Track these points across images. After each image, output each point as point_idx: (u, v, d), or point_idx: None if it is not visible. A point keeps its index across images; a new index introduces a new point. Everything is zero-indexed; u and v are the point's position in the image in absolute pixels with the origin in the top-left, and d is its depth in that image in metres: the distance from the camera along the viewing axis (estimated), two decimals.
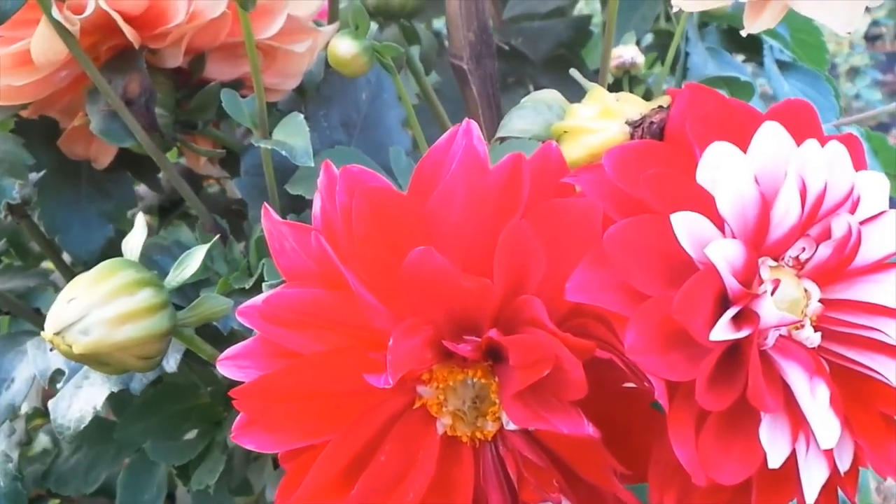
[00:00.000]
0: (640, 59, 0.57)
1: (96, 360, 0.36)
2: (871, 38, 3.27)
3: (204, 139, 0.51)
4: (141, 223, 0.39)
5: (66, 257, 0.56)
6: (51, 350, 0.46)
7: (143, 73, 0.44)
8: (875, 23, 3.28)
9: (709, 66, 0.63)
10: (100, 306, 0.36)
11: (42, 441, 0.75)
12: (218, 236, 0.42)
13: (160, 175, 0.56)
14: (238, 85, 0.48)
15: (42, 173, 0.50)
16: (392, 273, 0.31)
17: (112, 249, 0.50)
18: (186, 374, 0.53)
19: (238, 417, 0.35)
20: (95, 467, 0.55)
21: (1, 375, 0.48)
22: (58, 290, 0.59)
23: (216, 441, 0.52)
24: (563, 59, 0.70)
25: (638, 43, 0.69)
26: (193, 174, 0.56)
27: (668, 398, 0.30)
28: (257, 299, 0.35)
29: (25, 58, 0.43)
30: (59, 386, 0.45)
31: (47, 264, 0.63)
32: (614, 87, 0.60)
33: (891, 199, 0.83)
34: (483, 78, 0.53)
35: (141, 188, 0.61)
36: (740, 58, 0.72)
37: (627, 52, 0.57)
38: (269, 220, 0.35)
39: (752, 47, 0.71)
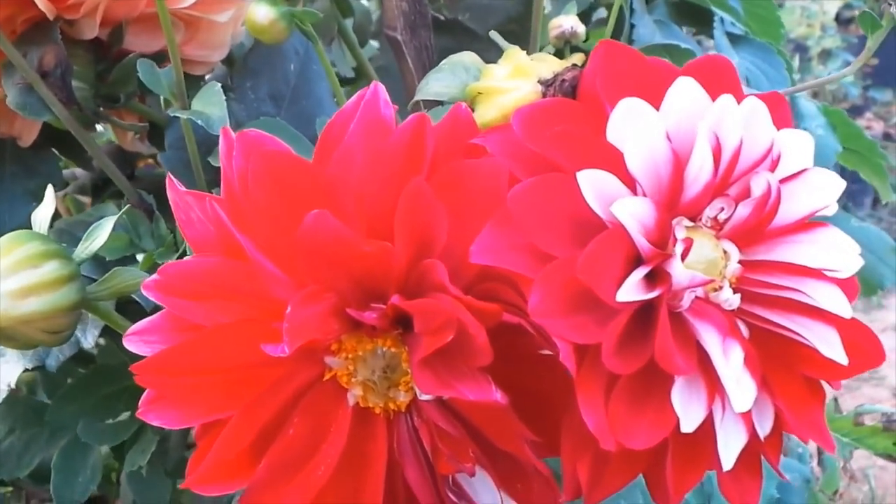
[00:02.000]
0: (581, 28, 0.56)
1: (1, 334, 0.35)
2: (843, 21, 3.27)
3: (130, 114, 0.50)
4: (50, 195, 0.38)
5: None
6: None
7: (59, 45, 0.43)
8: (848, 6, 3.28)
9: (656, 39, 0.62)
10: (2, 279, 0.35)
11: None
12: (128, 206, 0.41)
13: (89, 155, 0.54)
14: (161, 57, 0.47)
15: None
16: (293, 240, 0.30)
17: None
18: (118, 354, 0.52)
19: (145, 393, 0.34)
20: (29, 450, 0.53)
21: None
22: None
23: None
24: (513, 35, 0.68)
25: (587, 15, 0.68)
26: (126, 153, 0.55)
27: (576, 362, 0.29)
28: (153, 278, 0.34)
29: None
30: None
31: None
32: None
33: (850, 172, 0.82)
34: (419, 49, 0.52)
35: (77, 169, 0.60)
36: (690, 31, 0.71)
37: (567, 22, 0.55)
38: (173, 190, 0.34)
39: (702, 20, 0.70)
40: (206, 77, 0.50)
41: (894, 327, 2.30)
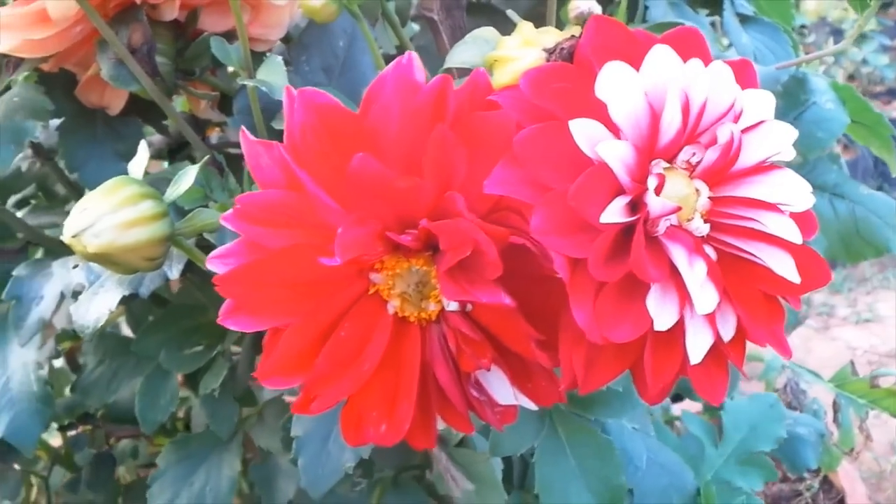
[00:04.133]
0: (598, 9, 0.63)
1: (107, 259, 0.43)
2: (881, 6, 3.30)
3: (203, 85, 0.58)
4: (143, 147, 0.46)
5: None
6: (73, 268, 0.53)
7: (145, 25, 0.51)
8: None
9: (668, 18, 0.69)
10: (109, 214, 0.43)
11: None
12: (205, 161, 0.49)
13: (167, 121, 0.63)
14: (230, 36, 0.54)
15: (63, 119, 0.57)
16: (343, 178, 0.38)
17: None
18: (193, 295, 0.60)
19: (224, 304, 0.41)
20: (116, 378, 0.62)
21: (31, 294, 0.56)
22: None
23: (221, 352, 0.59)
24: (541, 17, 0.76)
25: None
26: (197, 121, 0.63)
27: (569, 272, 0.36)
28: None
29: (43, 15, 0.50)
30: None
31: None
32: None
33: (857, 144, 0.88)
34: (453, 28, 0.60)
35: (155, 138, 0.68)
36: (704, 12, 0.78)
37: (584, 4, 0.62)
38: (246, 140, 0.42)
39: (714, 2, 0.77)
40: (267, 53, 0.58)
41: None
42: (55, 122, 0.60)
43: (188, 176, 0.45)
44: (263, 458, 0.64)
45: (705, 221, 0.39)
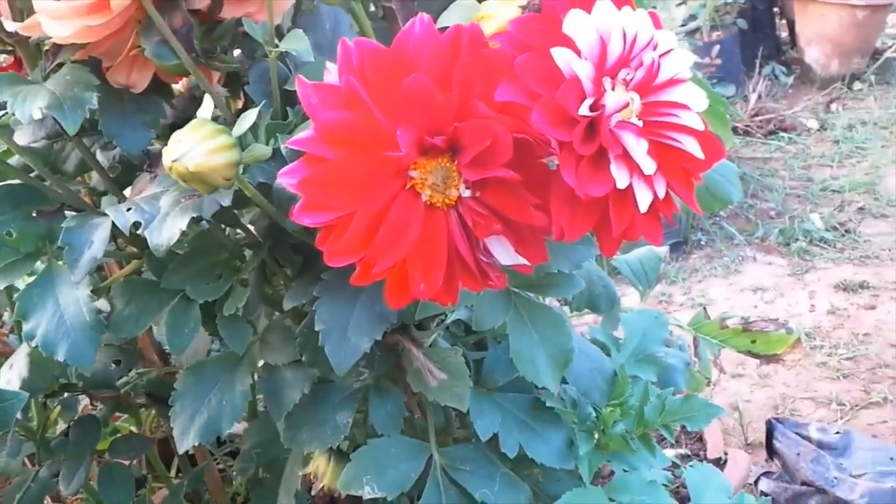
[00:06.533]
0: None
1: (199, 178, 0.56)
2: (689, 32, 3.67)
3: (218, 63, 0.72)
4: (208, 99, 0.60)
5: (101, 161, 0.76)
6: (127, 210, 0.66)
7: (184, 11, 0.64)
8: (692, 16, 3.68)
9: None
10: (199, 144, 0.56)
11: None
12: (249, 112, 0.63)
13: (174, 100, 0.76)
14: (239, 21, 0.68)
15: (97, 96, 0.69)
16: (391, 101, 0.53)
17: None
18: (211, 238, 0.73)
19: (297, 206, 0.55)
20: (143, 315, 0.74)
21: (82, 240, 0.68)
22: (94, 192, 0.78)
23: (237, 282, 0.72)
24: None
25: None
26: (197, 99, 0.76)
27: (559, 149, 0.53)
28: (301, 135, 0.56)
29: (104, 3, 0.63)
30: (139, 231, 0.64)
31: None
32: None
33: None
34: (407, 15, 0.75)
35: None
36: None
37: None
38: (301, 84, 0.56)
39: None
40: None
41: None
42: None
43: (249, 118, 0.59)
44: (269, 373, 0.77)
45: (639, 119, 0.56)
